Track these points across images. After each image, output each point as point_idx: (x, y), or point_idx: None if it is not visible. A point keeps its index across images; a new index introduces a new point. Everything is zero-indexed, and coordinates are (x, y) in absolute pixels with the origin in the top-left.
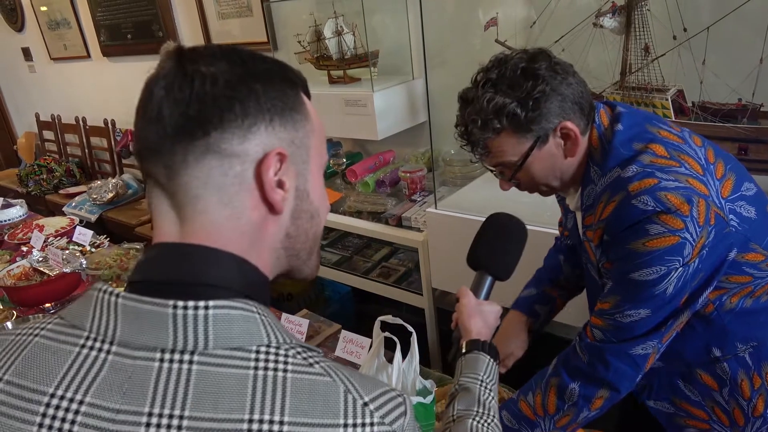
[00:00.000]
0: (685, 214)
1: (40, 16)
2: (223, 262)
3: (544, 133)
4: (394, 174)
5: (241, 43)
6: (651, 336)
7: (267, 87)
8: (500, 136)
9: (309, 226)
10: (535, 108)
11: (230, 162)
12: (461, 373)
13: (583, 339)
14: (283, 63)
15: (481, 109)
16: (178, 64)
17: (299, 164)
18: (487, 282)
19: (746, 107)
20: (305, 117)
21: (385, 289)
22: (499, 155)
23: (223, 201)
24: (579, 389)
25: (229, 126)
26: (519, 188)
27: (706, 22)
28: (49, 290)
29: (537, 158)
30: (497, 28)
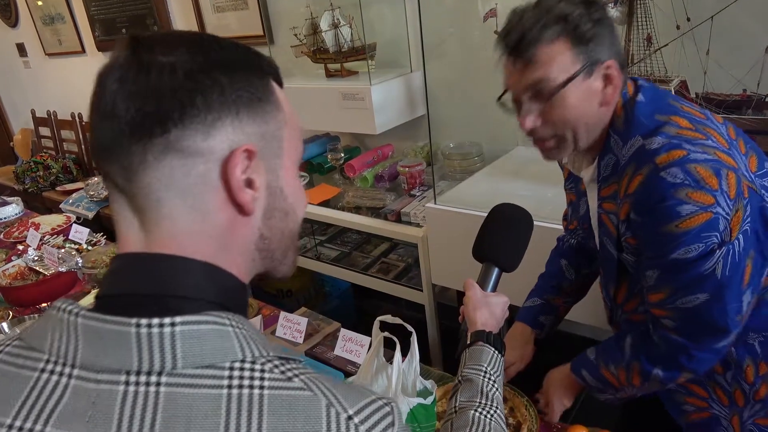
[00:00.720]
0: (714, 188)
1: (34, 11)
2: (192, 271)
3: (595, 59)
4: (393, 168)
5: (237, 36)
6: (731, 327)
7: (232, 77)
8: (555, 44)
9: (284, 224)
10: (595, 26)
11: (193, 161)
12: (464, 365)
13: (657, 330)
14: (251, 49)
15: (542, 13)
16: (132, 53)
17: (270, 159)
18: (494, 274)
19: (751, 98)
20: (276, 108)
21: (385, 285)
22: (545, 66)
23: (188, 203)
24: (663, 373)
25: (191, 122)
26: (539, 133)
27: (709, 12)
28: (44, 290)
29: (576, 89)
30: (496, 20)
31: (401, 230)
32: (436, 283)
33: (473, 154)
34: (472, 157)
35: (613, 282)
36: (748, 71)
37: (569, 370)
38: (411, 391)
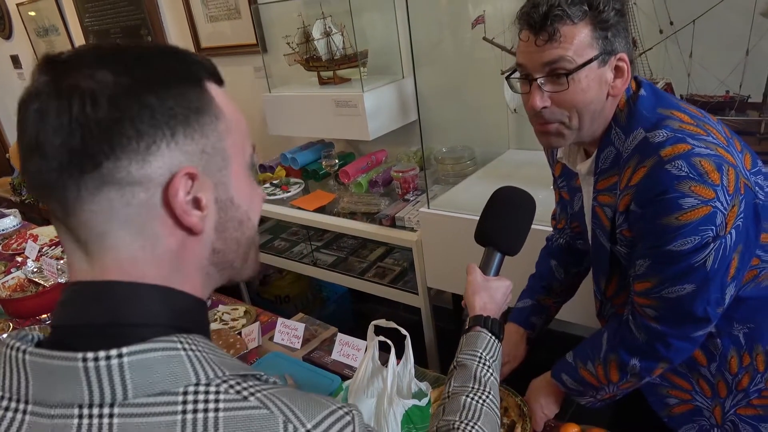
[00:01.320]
0: (716, 182)
1: (28, 24)
2: (142, 296)
3: (610, 49)
4: (387, 173)
5: (230, 45)
6: (711, 318)
7: (162, 95)
8: (579, 25)
9: (239, 234)
10: (614, 17)
11: (132, 190)
12: (461, 350)
13: (637, 318)
14: (179, 52)
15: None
16: (51, 79)
17: (215, 173)
18: (496, 258)
19: (734, 99)
20: (215, 116)
21: (381, 289)
22: (566, 44)
23: (133, 233)
24: (640, 364)
25: (123, 152)
26: (544, 114)
27: (691, 15)
28: (44, 302)
29: (590, 74)
30: (484, 26)
31: (396, 235)
32: (431, 287)
33: (465, 158)
34: (465, 161)
35: (604, 275)
36: (730, 73)
37: (550, 376)
38: (406, 393)
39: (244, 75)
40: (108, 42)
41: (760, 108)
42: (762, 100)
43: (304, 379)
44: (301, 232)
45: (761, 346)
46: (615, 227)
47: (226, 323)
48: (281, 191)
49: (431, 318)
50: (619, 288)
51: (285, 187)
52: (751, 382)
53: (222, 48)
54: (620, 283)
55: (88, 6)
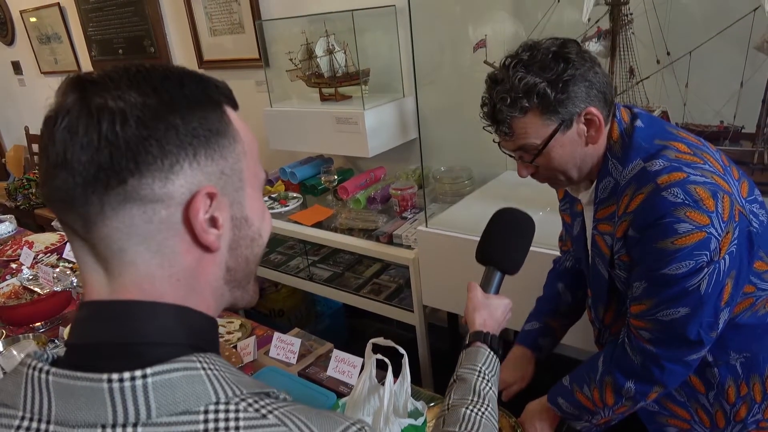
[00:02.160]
0: (710, 209)
1: (30, 31)
2: (160, 316)
3: (569, 117)
4: (385, 191)
5: (233, 59)
6: (705, 342)
7: (186, 117)
8: (527, 116)
9: (249, 251)
10: (563, 90)
11: (153, 208)
12: (460, 365)
13: (632, 340)
14: (201, 77)
15: (511, 87)
16: (81, 98)
17: (232, 193)
18: (496, 277)
19: (728, 129)
20: (233, 139)
21: (377, 305)
22: (522, 136)
23: (152, 249)
24: (635, 387)
25: (148, 170)
26: (535, 177)
27: (688, 47)
28: (39, 309)
29: (559, 143)
30: (486, 50)
31: (393, 252)
32: (427, 305)
33: (463, 178)
34: (463, 181)
35: (603, 303)
36: (725, 104)
37: (546, 400)
38: (402, 412)
39: (245, 88)
40: (135, 64)
41: (753, 139)
42: (755, 131)
43: (299, 396)
44: (297, 246)
45: (758, 375)
46: (614, 254)
47: (222, 336)
48: (279, 205)
49: (426, 336)
50: (617, 316)
51: (283, 201)
52: (749, 413)
53: (224, 61)
54: (618, 311)
55: (92, 15)
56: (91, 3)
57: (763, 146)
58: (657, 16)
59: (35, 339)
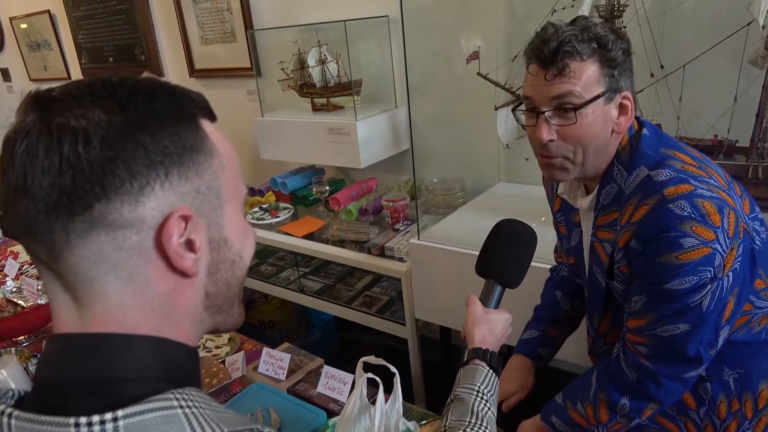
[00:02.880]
0: (716, 224)
1: (20, 37)
2: (134, 349)
3: (616, 87)
4: (377, 202)
5: (224, 68)
6: (704, 359)
7: (157, 134)
8: (588, 62)
9: (230, 275)
10: (621, 56)
11: (123, 233)
12: (458, 384)
13: (628, 355)
14: (173, 90)
15: (582, 30)
16: (41, 118)
17: (209, 213)
18: (497, 290)
19: (722, 143)
20: (210, 154)
21: (368, 318)
22: (574, 81)
23: (123, 278)
24: (629, 403)
25: (115, 194)
26: (550, 148)
27: (682, 60)
28: (22, 323)
29: (596, 111)
30: (479, 62)
31: (385, 264)
32: (419, 318)
33: (456, 190)
34: (455, 192)
35: (599, 312)
36: (719, 118)
37: (540, 419)
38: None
39: (236, 98)
40: (100, 78)
41: (747, 153)
42: (749, 145)
43: (288, 413)
44: (288, 258)
45: (750, 392)
46: (613, 263)
47: (210, 350)
48: (270, 216)
49: (418, 351)
50: (613, 325)
51: (274, 212)
52: (739, 428)
53: (215, 70)
54: (614, 320)
55: (83, 23)
56: (82, 10)
57: (758, 161)
58: (651, 29)
59: (18, 353)
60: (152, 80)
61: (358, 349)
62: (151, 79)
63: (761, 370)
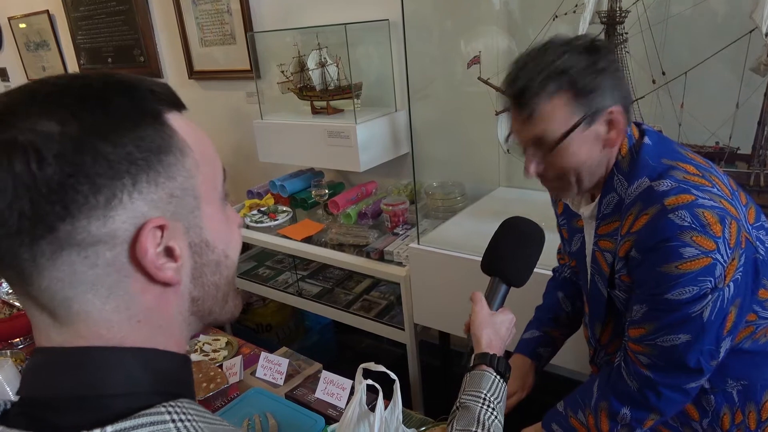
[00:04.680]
0: (717, 234)
1: (18, 38)
2: (123, 363)
3: (595, 110)
4: (377, 205)
5: (224, 71)
6: (705, 370)
7: (117, 140)
8: (554, 100)
9: (217, 277)
10: (596, 79)
11: (95, 251)
12: (464, 391)
13: (629, 365)
14: (129, 86)
15: (544, 66)
16: None
17: (187, 216)
18: (502, 289)
19: (723, 150)
20: (181, 152)
21: (367, 323)
22: (545, 121)
23: (102, 295)
24: (630, 413)
25: (79, 211)
26: (542, 178)
27: (684, 67)
28: (18, 325)
29: (578, 139)
30: (480, 66)
31: (384, 269)
32: (418, 323)
33: (456, 194)
34: (455, 197)
35: (600, 321)
36: (721, 125)
37: (541, 426)
38: None
39: (235, 100)
40: (46, 80)
41: (749, 160)
42: (751, 152)
43: (286, 419)
44: (286, 261)
45: (754, 403)
46: (614, 272)
47: (207, 354)
48: (269, 219)
49: (417, 356)
50: (614, 335)
51: (273, 215)
52: None
53: (215, 72)
54: (615, 330)
55: (82, 24)
56: (81, 11)
57: (760, 168)
58: (652, 35)
59: (13, 356)
60: (106, 78)
61: (356, 353)
62: (106, 77)
63: (765, 381)
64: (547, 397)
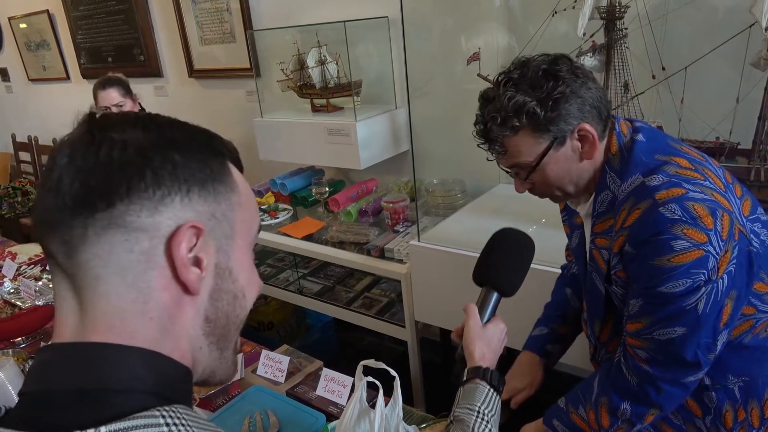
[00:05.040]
0: (709, 227)
1: (19, 38)
2: (127, 360)
3: (561, 134)
4: (377, 203)
5: (223, 69)
6: (702, 363)
7: (186, 155)
8: (518, 135)
9: (230, 308)
10: (554, 108)
11: (136, 237)
12: (457, 404)
13: (628, 360)
14: (209, 132)
15: (501, 107)
16: (87, 130)
17: (221, 239)
18: (493, 298)
19: (723, 145)
20: (231, 189)
21: (368, 320)
22: (515, 155)
23: (127, 282)
24: (630, 408)
25: (138, 197)
26: (533, 192)
27: (684, 62)
28: (19, 325)
29: (553, 160)
30: (479, 63)
31: (384, 266)
32: (418, 320)
33: (456, 191)
34: (455, 194)
35: (599, 319)
36: (721, 120)
37: (542, 422)
38: None
39: (235, 98)
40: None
41: (749, 155)
42: (752, 147)
43: (287, 416)
44: (287, 259)
45: (756, 400)
46: (610, 269)
47: None
48: (269, 217)
49: (418, 352)
50: (614, 333)
51: (273, 213)
52: None
53: (215, 70)
54: (615, 327)
55: (82, 23)
56: (81, 10)
57: (760, 163)
58: (652, 31)
59: (15, 355)
60: (192, 124)
61: (358, 351)
62: (192, 124)
63: (766, 377)
64: (550, 395)
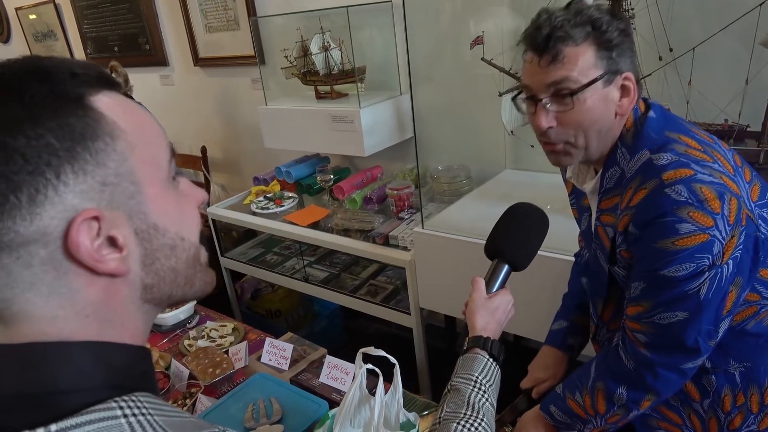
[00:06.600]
0: (715, 211)
1: (26, 28)
2: (72, 357)
3: (614, 69)
4: (382, 190)
5: (228, 56)
6: (702, 350)
7: (33, 133)
8: (582, 46)
9: (173, 261)
10: (621, 40)
11: (28, 251)
12: (455, 374)
13: (627, 344)
14: (47, 72)
15: (576, 12)
16: None
17: (127, 202)
18: (503, 271)
19: (732, 128)
20: (111, 136)
21: (373, 308)
22: (569, 67)
23: (43, 294)
24: (627, 393)
25: (2, 213)
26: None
27: (691, 43)
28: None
29: (595, 94)
30: (483, 47)
31: (389, 254)
32: (423, 307)
33: (461, 177)
34: (460, 180)
35: (601, 298)
36: (729, 102)
37: (539, 409)
38: (394, 424)
39: (241, 86)
40: None
41: (759, 137)
42: (761, 129)
43: (290, 403)
44: (293, 247)
45: (757, 386)
46: (615, 248)
47: (214, 340)
48: (275, 205)
49: (423, 339)
50: (616, 312)
51: (279, 201)
52: (744, 422)
53: (220, 59)
54: (617, 307)
55: (87, 13)
56: (86, 0)
57: None
58: (659, 11)
59: None
60: (22, 64)
61: (364, 338)
62: (24, 63)
63: None
64: None
